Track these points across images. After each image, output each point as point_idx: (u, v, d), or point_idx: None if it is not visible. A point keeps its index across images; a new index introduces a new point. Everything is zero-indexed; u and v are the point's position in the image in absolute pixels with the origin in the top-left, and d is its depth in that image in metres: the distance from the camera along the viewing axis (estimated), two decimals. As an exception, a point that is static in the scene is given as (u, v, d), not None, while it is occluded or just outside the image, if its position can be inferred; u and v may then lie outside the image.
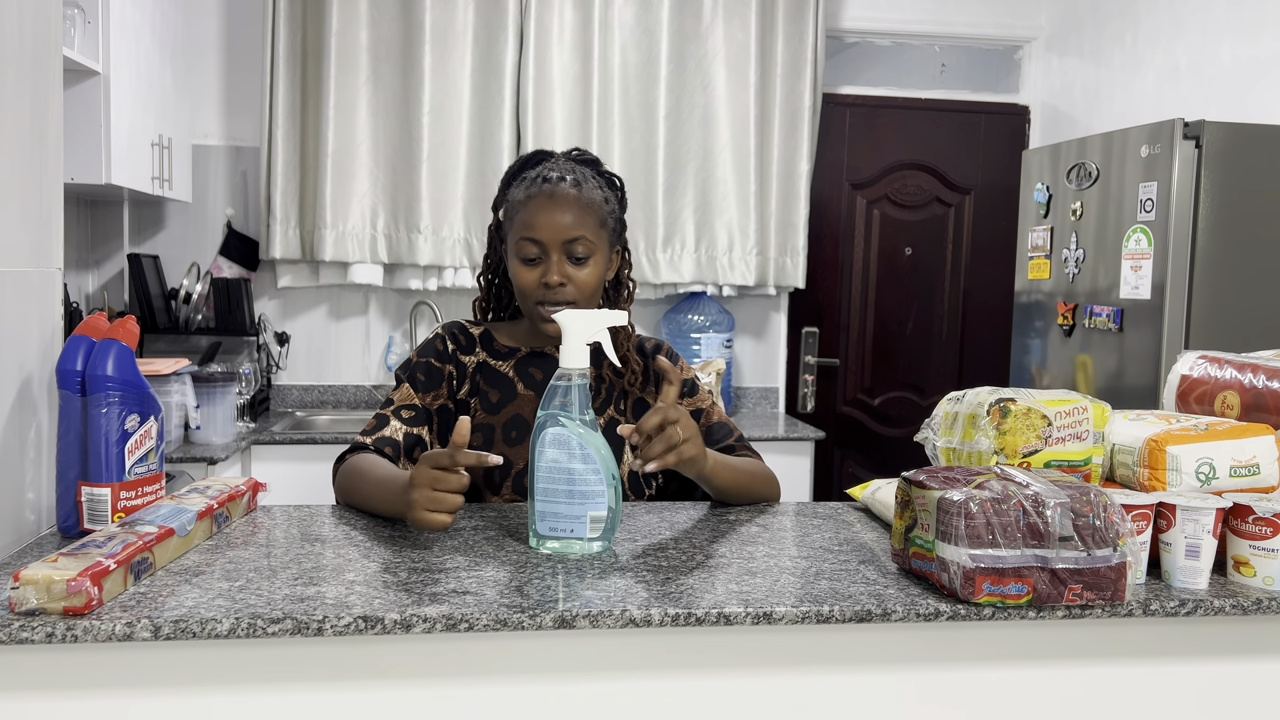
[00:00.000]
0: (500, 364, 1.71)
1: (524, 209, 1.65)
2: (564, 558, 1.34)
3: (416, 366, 1.69)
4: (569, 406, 1.35)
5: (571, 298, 1.63)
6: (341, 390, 3.95)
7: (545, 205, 1.63)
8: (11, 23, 1.36)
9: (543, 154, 1.74)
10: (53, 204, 1.48)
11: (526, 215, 1.64)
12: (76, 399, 1.37)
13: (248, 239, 3.84)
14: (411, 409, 1.66)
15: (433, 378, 1.68)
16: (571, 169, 1.69)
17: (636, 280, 1.77)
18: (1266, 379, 1.55)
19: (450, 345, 1.71)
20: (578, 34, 3.86)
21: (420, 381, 1.68)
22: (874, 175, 4.32)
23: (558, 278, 1.62)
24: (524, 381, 1.70)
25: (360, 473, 1.56)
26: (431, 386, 1.68)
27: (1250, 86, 3.20)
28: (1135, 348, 2.94)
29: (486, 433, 1.67)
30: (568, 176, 1.66)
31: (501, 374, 1.70)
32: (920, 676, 1.26)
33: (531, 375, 1.70)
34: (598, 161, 1.76)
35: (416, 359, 1.70)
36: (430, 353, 1.70)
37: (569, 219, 1.62)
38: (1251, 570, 1.30)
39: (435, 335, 1.73)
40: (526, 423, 1.67)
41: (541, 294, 1.63)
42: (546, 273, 1.62)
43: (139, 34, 3.20)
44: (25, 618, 1.07)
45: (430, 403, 1.67)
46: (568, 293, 1.63)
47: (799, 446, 3.69)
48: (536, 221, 1.62)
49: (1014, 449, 1.44)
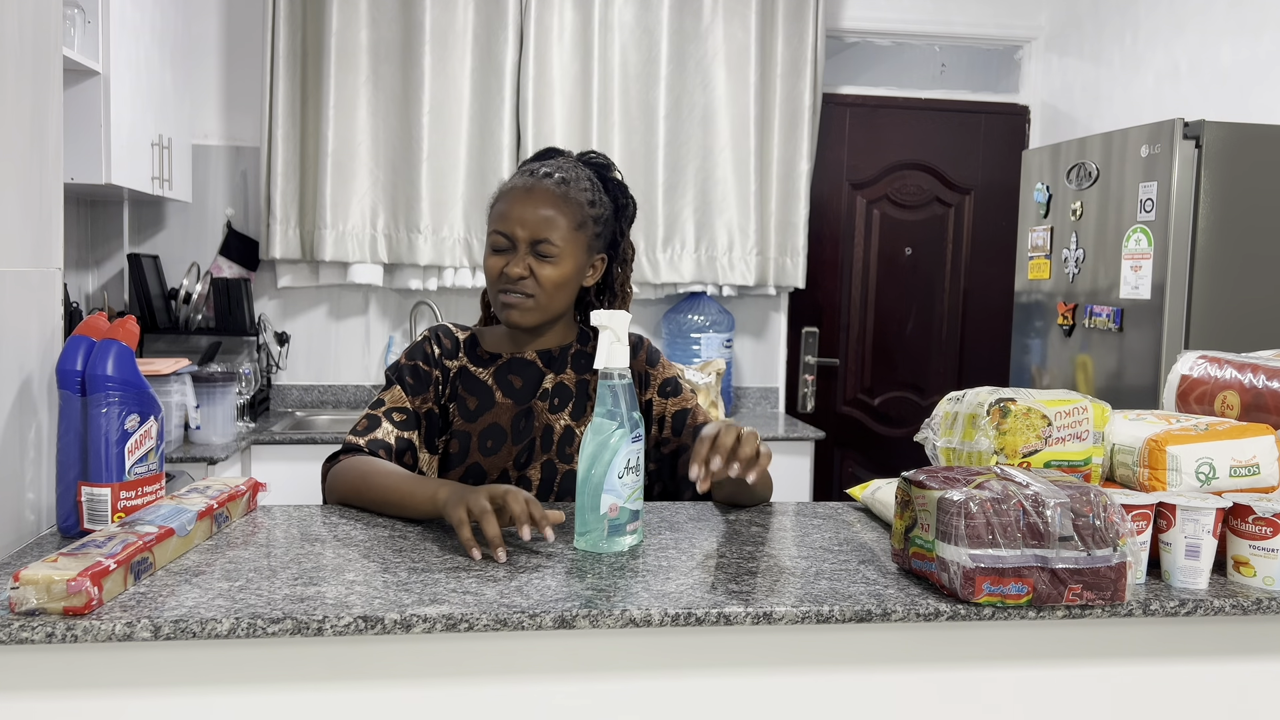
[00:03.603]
0: (480, 371, 1.70)
1: (504, 199, 1.66)
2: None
3: (405, 369, 1.69)
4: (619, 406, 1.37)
5: (531, 291, 1.63)
6: (341, 390, 3.95)
7: (520, 199, 1.63)
8: (11, 23, 1.36)
9: (553, 151, 1.74)
10: (53, 204, 1.48)
11: (503, 206, 1.65)
12: (76, 399, 1.37)
13: (248, 239, 3.84)
14: (403, 412, 1.66)
15: (420, 381, 1.68)
16: (569, 168, 1.67)
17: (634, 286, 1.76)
18: (1266, 379, 1.55)
19: (436, 349, 1.71)
20: (578, 34, 3.86)
21: (409, 384, 1.67)
22: (874, 175, 4.32)
23: (519, 270, 1.62)
24: (502, 389, 1.69)
25: (374, 471, 1.55)
26: (420, 390, 1.67)
27: (1250, 86, 3.20)
28: (1135, 348, 2.94)
29: (463, 440, 1.66)
30: (555, 174, 1.65)
31: (480, 381, 1.69)
32: (920, 676, 1.26)
33: (511, 383, 1.69)
34: (608, 166, 1.74)
35: (405, 361, 1.70)
36: (418, 355, 1.70)
37: (539, 217, 1.62)
38: (1251, 570, 1.30)
39: (423, 338, 1.72)
40: (503, 431, 1.66)
41: (503, 283, 1.64)
42: (510, 263, 1.63)
43: (139, 34, 3.20)
44: (25, 618, 1.07)
45: (419, 406, 1.67)
46: (527, 285, 1.63)
47: (799, 446, 3.69)
48: (509, 213, 1.63)
49: (1014, 449, 1.44)
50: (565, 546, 1.38)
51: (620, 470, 1.36)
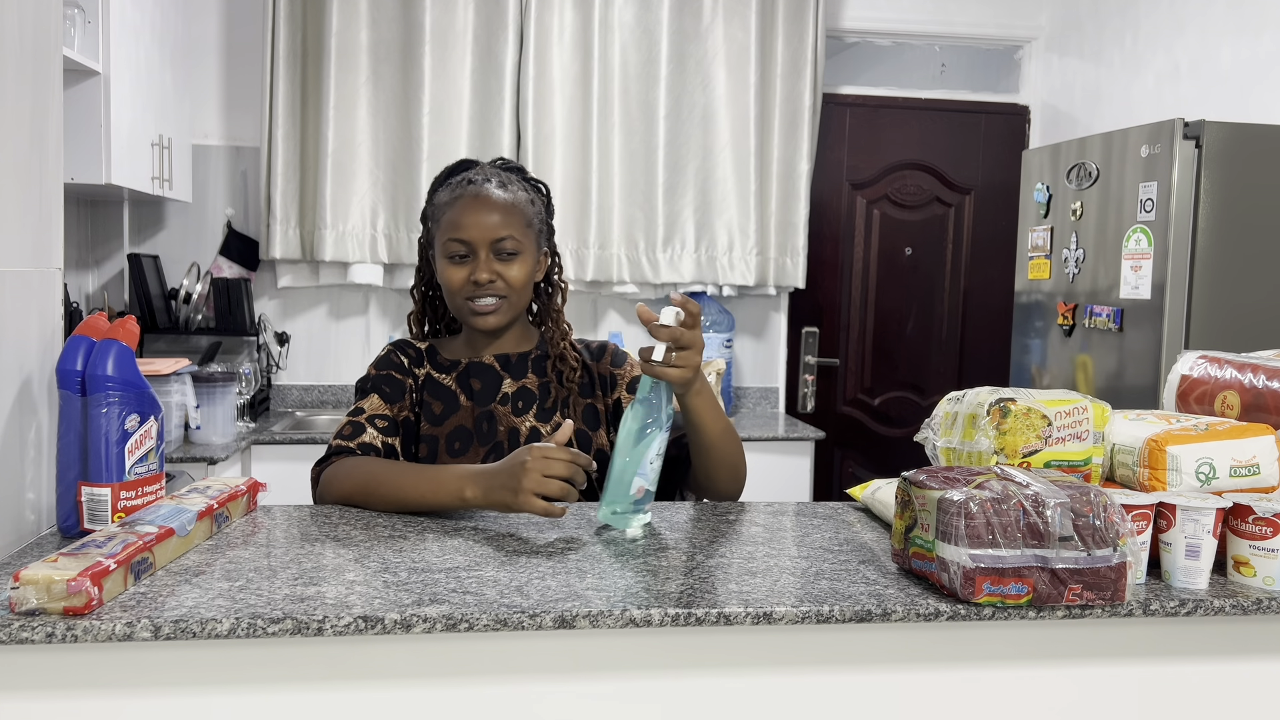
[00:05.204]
0: (443, 376, 1.73)
1: (450, 209, 1.67)
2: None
3: (379, 379, 1.71)
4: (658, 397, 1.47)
5: (502, 292, 1.66)
6: (341, 390, 3.95)
7: (471, 205, 1.65)
8: (11, 23, 1.36)
9: (468, 163, 1.76)
10: (53, 204, 1.48)
11: (454, 215, 1.66)
12: (76, 399, 1.37)
13: (248, 239, 3.84)
14: (384, 419, 1.67)
15: (396, 389, 1.70)
16: (496, 174, 1.71)
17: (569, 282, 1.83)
18: (1266, 379, 1.55)
19: (404, 359, 1.73)
20: (578, 34, 3.86)
21: (386, 393, 1.69)
22: (874, 175, 4.32)
23: (486, 275, 1.64)
24: (465, 393, 1.71)
25: (383, 469, 1.57)
26: (396, 398, 1.69)
27: (1250, 86, 3.20)
28: (1135, 348, 2.94)
29: (430, 444, 1.68)
30: (493, 179, 1.69)
31: (444, 386, 1.72)
32: (920, 676, 1.26)
33: (472, 386, 1.72)
34: (523, 170, 1.79)
35: (376, 373, 1.72)
36: (389, 366, 1.72)
37: (495, 218, 1.65)
38: (1251, 570, 1.30)
39: (388, 350, 1.75)
40: (469, 432, 1.69)
41: (470, 290, 1.65)
42: (475, 270, 1.64)
43: (139, 34, 3.20)
44: (25, 618, 1.07)
45: (397, 414, 1.69)
46: (498, 288, 1.65)
47: (799, 446, 3.69)
48: (463, 221, 1.65)
49: (1014, 449, 1.44)
50: (566, 546, 1.38)
51: (653, 456, 1.45)
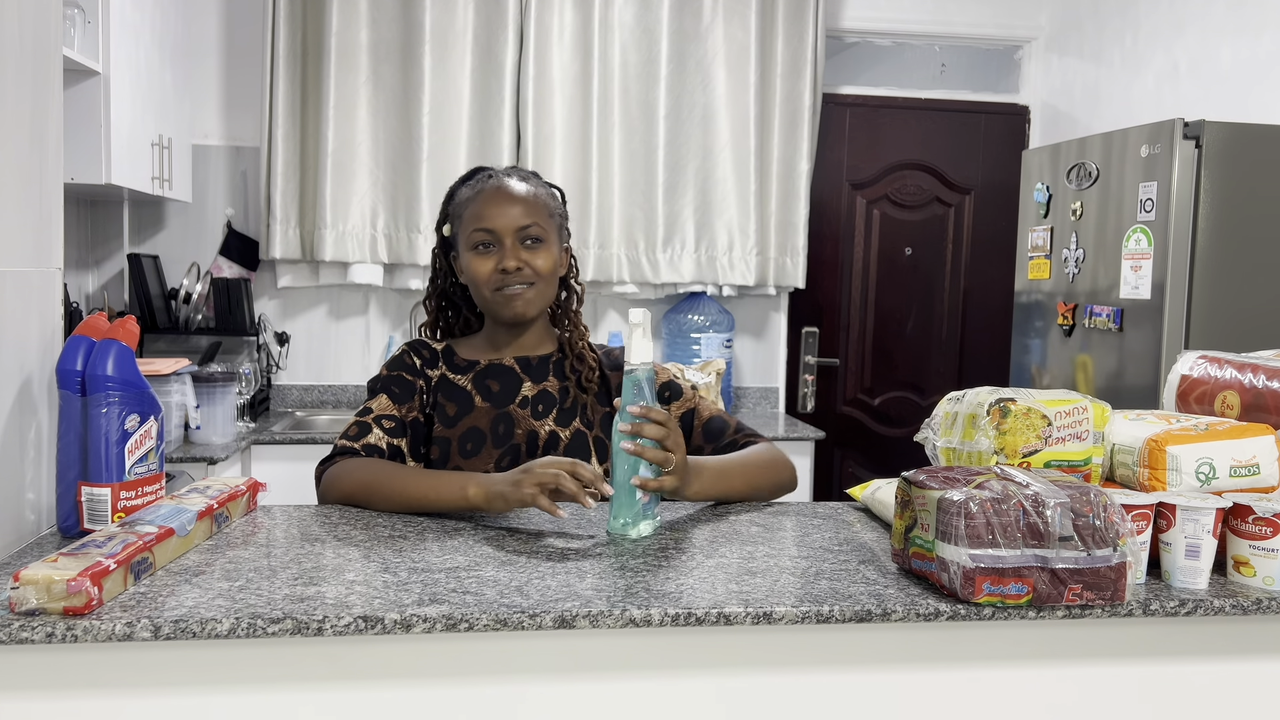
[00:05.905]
0: (459, 378, 1.72)
1: (474, 203, 1.69)
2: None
3: (390, 380, 1.71)
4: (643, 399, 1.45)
5: (530, 279, 1.67)
6: (341, 390, 3.95)
7: (494, 197, 1.67)
8: (11, 23, 1.36)
9: (483, 169, 1.78)
10: (53, 204, 1.48)
11: (477, 208, 1.68)
12: (76, 399, 1.37)
13: (248, 239, 3.83)
14: (391, 419, 1.67)
15: (406, 390, 1.70)
16: (515, 171, 1.74)
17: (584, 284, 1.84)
18: (1266, 379, 1.55)
19: (417, 360, 1.73)
20: (578, 34, 3.86)
21: (395, 393, 1.69)
22: (874, 175, 4.32)
23: (514, 262, 1.65)
24: (481, 394, 1.71)
25: (387, 469, 1.58)
26: (405, 399, 1.69)
27: (1250, 86, 3.20)
28: (1135, 348, 2.94)
29: (442, 446, 1.68)
30: (513, 175, 1.72)
31: (459, 387, 1.71)
32: (920, 676, 1.26)
33: (489, 387, 1.71)
34: (538, 175, 1.80)
35: (387, 373, 1.72)
36: (400, 367, 1.72)
37: (519, 208, 1.67)
38: (1251, 570, 1.30)
39: (402, 351, 1.75)
40: (482, 434, 1.68)
41: (499, 280, 1.66)
42: (502, 259, 1.65)
43: (139, 34, 3.20)
44: (25, 618, 1.07)
45: (405, 414, 1.69)
46: (525, 275, 1.66)
47: (799, 446, 3.69)
48: (487, 212, 1.66)
49: (1014, 449, 1.44)
50: (566, 546, 1.38)
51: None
